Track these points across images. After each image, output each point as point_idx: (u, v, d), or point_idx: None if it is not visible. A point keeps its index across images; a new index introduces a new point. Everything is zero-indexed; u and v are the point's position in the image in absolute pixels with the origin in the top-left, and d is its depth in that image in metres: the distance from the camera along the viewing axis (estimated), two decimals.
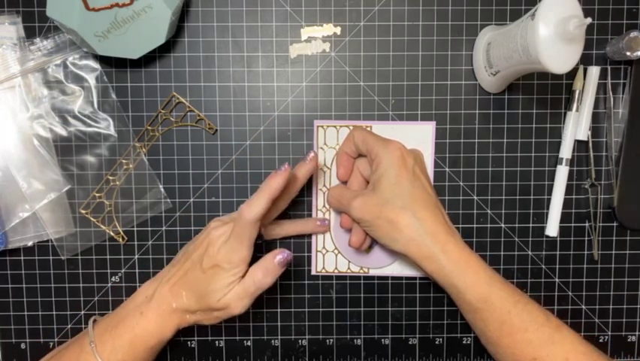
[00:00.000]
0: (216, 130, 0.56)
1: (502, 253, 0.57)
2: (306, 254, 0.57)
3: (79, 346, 0.49)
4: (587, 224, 0.57)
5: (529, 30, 0.44)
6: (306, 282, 0.57)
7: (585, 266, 0.57)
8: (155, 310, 0.48)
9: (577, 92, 0.55)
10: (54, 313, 0.57)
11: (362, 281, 0.57)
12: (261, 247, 0.57)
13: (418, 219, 0.47)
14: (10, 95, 0.54)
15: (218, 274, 0.47)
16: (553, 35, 0.43)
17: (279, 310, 0.57)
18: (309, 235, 0.57)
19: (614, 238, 0.57)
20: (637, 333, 0.58)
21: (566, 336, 0.46)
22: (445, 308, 0.58)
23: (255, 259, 0.48)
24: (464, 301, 0.48)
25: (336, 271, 0.57)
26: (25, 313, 0.57)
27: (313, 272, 0.57)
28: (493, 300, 0.46)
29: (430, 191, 0.50)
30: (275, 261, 0.47)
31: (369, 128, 0.56)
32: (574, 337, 0.46)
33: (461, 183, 0.57)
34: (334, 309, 0.58)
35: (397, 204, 0.48)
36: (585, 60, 0.56)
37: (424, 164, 0.53)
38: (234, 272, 0.47)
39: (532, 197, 0.57)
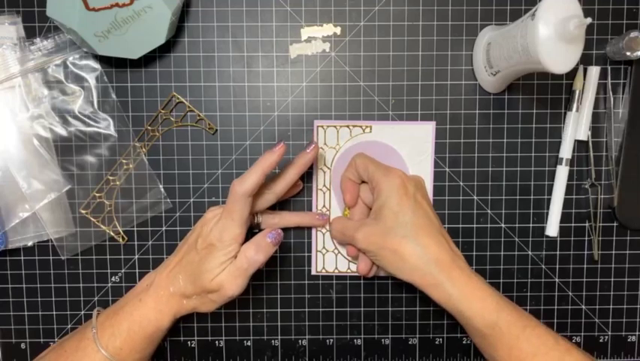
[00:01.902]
0: (216, 130, 0.56)
1: (502, 253, 0.57)
2: (306, 254, 0.57)
3: (81, 333, 0.49)
4: (587, 224, 0.57)
5: (529, 30, 0.44)
6: (306, 282, 0.57)
7: (585, 266, 0.57)
8: (153, 296, 0.49)
9: (577, 92, 0.55)
10: (54, 313, 0.57)
11: (362, 281, 0.57)
12: None
13: (421, 247, 0.47)
14: (10, 95, 0.54)
15: (211, 253, 0.47)
16: (553, 35, 0.43)
17: (279, 310, 0.57)
18: (309, 235, 0.57)
19: (614, 238, 0.57)
20: (637, 333, 0.58)
21: (577, 358, 0.46)
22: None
23: None
24: (472, 328, 0.47)
25: (336, 271, 0.57)
26: (25, 313, 0.57)
27: (313, 272, 0.57)
28: (501, 326, 0.46)
29: (432, 217, 0.50)
30: (267, 238, 0.47)
31: (369, 129, 0.56)
32: (584, 358, 0.46)
33: (461, 183, 0.57)
34: (334, 309, 0.58)
35: (400, 233, 0.48)
36: (585, 60, 0.56)
37: (425, 190, 0.53)
38: (227, 251, 0.47)
39: (532, 197, 0.57)
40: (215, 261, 0.47)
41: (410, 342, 0.58)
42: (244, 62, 0.56)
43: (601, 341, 0.58)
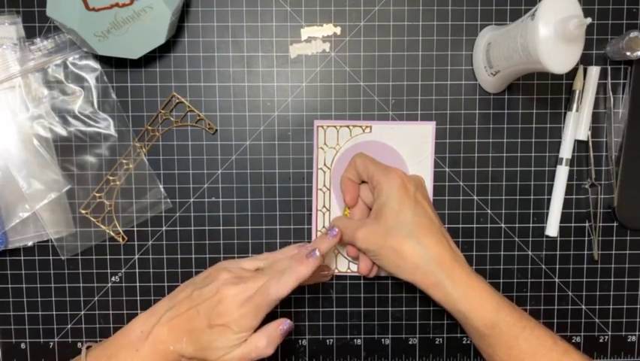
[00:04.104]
0: (216, 130, 0.56)
1: (502, 253, 0.57)
2: None
3: None
4: (587, 224, 0.57)
5: (529, 30, 0.44)
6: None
7: (585, 266, 0.57)
8: (152, 349, 0.47)
9: (577, 92, 0.55)
10: (54, 313, 0.57)
11: (362, 281, 0.57)
12: None
13: (422, 246, 0.47)
14: (10, 95, 0.54)
15: (224, 333, 0.46)
16: (553, 35, 0.43)
17: (279, 310, 0.57)
18: (309, 235, 0.57)
19: (614, 238, 0.57)
20: (637, 333, 0.58)
21: (574, 360, 0.46)
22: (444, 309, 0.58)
23: None
24: (472, 327, 0.48)
25: (336, 271, 0.57)
26: (25, 313, 0.57)
27: None
28: (501, 326, 0.46)
29: (433, 217, 0.50)
30: (278, 330, 0.47)
31: (369, 129, 0.56)
32: (582, 360, 0.46)
33: (461, 183, 0.57)
34: (334, 309, 0.58)
35: (401, 232, 0.48)
36: (585, 60, 0.56)
37: (425, 189, 0.53)
38: (241, 335, 0.46)
39: (532, 197, 0.57)
40: (227, 343, 0.46)
41: (410, 342, 0.58)
42: (244, 62, 0.56)
43: (601, 341, 0.58)
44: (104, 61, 0.55)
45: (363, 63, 0.56)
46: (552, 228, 0.56)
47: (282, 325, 0.47)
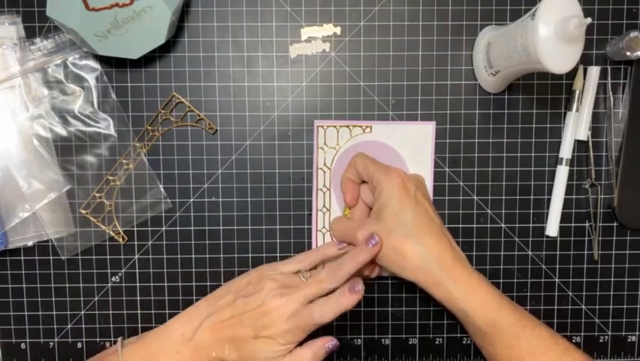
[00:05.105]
0: (216, 130, 0.56)
1: (502, 253, 0.57)
2: None
3: None
4: (587, 224, 0.57)
5: (529, 30, 0.44)
6: None
7: (585, 266, 0.57)
8: (194, 353, 0.47)
9: (577, 92, 0.55)
10: (54, 313, 0.57)
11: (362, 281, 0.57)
12: None
13: (423, 246, 0.47)
14: (10, 95, 0.54)
15: (269, 344, 0.46)
16: (553, 35, 0.43)
17: None
18: (309, 235, 0.57)
19: (614, 238, 0.57)
20: (637, 333, 0.58)
21: (575, 359, 0.46)
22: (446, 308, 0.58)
23: None
24: (473, 326, 0.48)
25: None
26: (25, 313, 0.57)
27: None
28: (502, 325, 0.46)
29: (433, 216, 0.50)
30: (324, 347, 0.47)
31: (369, 129, 0.56)
32: (582, 359, 0.46)
33: (461, 183, 0.57)
34: None
35: (401, 232, 0.48)
36: (585, 60, 0.56)
37: (425, 189, 0.53)
38: (286, 348, 0.46)
39: (532, 197, 0.57)
40: (272, 353, 0.46)
41: (410, 342, 0.58)
42: (244, 62, 0.56)
43: (601, 341, 0.58)
44: (104, 61, 0.55)
45: (363, 63, 0.56)
46: (552, 228, 0.56)
47: (329, 343, 0.47)
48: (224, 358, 0.47)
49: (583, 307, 0.58)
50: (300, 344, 0.47)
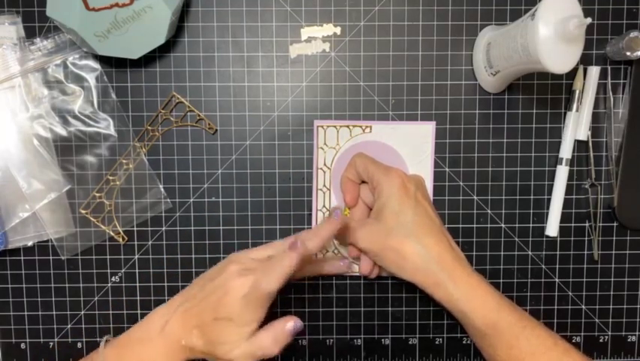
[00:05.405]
0: (216, 130, 0.56)
1: (502, 253, 0.57)
2: None
3: None
4: (587, 224, 0.57)
5: (529, 30, 0.44)
6: (307, 282, 0.57)
7: (585, 266, 0.57)
8: (165, 341, 0.47)
9: (577, 92, 0.55)
10: (54, 313, 0.57)
11: (362, 281, 0.57)
12: None
13: (423, 246, 0.47)
14: (10, 95, 0.54)
15: (229, 326, 0.45)
16: (553, 35, 0.43)
17: (279, 310, 0.57)
18: None
19: (614, 238, 0.57)
20: (637, 333, 0.58)
21: (574, 359, 0.46)
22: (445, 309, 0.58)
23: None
24: (473, 327, 0.48)
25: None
26: (25, 313, 0.57)
27: None
28: (502, 326, 0.46)
29: (433, 217, 0.50)
30: (285, 329, 0.46)
31: (369, 129, 0.56)
32: (582, 359, 0.46)
33: (461, 183, 0.57)
34: (334, 309, 0.58)
35: (401, 232, 0.48)
36: (585, 60, 0.56)
37: (425, 189, 0.53)
38: (245, 330, 0.45)
39: (532, 197, 0.57)
40: (232, 337, 0.45)
41: (410, 342, 0.58)
42: (244, 62, 0.56)
43: (601, 341, 0.58)
44: (104, 61, 0.55)
45: (363, 63, 0.56)
46: (552, 228, 0.56)
47: (289, 324, 0.46)
48: (193, 345, 0.47)
49: (583, 307, 0.58)
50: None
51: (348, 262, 0.56)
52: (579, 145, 0.56)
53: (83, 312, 0.57)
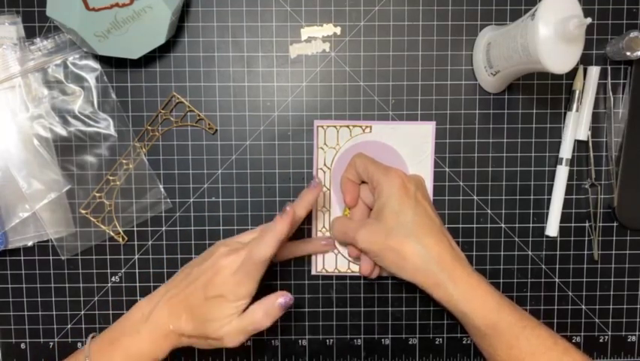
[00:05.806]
0: (216, 130, 0.56)
1: (502, 253, 0.57)
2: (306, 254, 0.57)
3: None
4: (587, 224, 0.57)
5: (529, 30, 0.44)
6: (306, 282, 0.57)
7: (585, 266, 0.57)
8: (151, 330, 0.47)
9: (577, 92, 0.55)
10: (54, 313, 0.57)
11: (362, 281, 0.57)
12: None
13: (423, 246, 0.47)
14: (10, 95, 0.54)
15: (221, 304, 0.46)
16: (553, 35, 0.43)
17: None
18: (309, 235, 0.57)
19: (614, 238, 0.57)
20: (637, 333, 0.58)
21: (574, 359, 0.46)
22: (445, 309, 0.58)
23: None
24: (473, 327, 0.48)
25: (336, 271, 0.57)
26: (25, 313, 0.57)
27: (313, 272, 0.57)
28: (502, 326, 0.46)
29: (433, 217, 0.50)
30: (276, 303, 0.47)
31: (369, 129, 0.56)
32: (582, 359, 0.46)
33: (461, 183, 0.57)
34: (334, 309, 0.58)
35: (401, 232, 0.48)
36: (585, 60, 0.56)
37: (425, 189, 0.53)
38: (237, 305, 0.46)
39: (532, 197, 0.57)
40: (224, 312, 0.46)
41: (410, 342, 0.58)
42: (244, 62, 0.56)
43: (601, 341, 0.58)
44: (104, 61, 0.55)
45: (363, 63, 0.56)
46: (552, 228, 0.56)
47: (280, 299, 0.47)
48: (182, 329, 0.47)
49: (583, 307, 0.58)
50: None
51: (331, 240, 0.56)
52: (579, 145, 0.56)
53: (82, 312, 0.57)
